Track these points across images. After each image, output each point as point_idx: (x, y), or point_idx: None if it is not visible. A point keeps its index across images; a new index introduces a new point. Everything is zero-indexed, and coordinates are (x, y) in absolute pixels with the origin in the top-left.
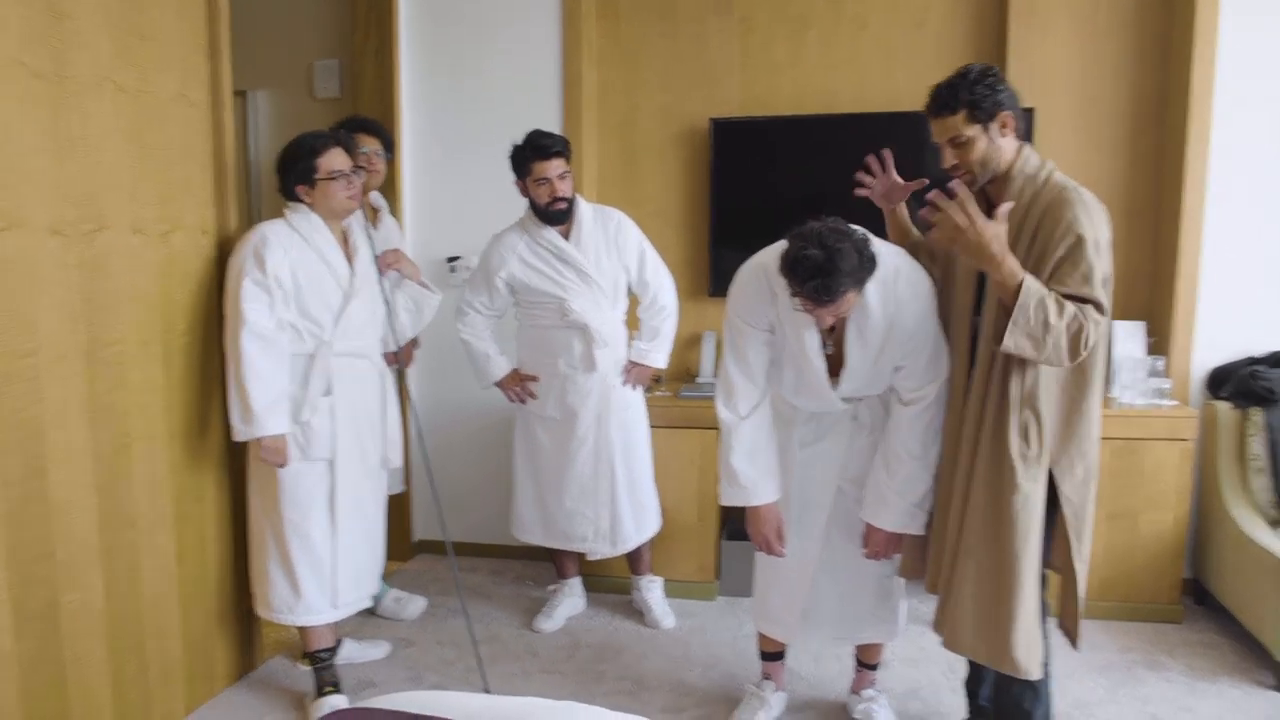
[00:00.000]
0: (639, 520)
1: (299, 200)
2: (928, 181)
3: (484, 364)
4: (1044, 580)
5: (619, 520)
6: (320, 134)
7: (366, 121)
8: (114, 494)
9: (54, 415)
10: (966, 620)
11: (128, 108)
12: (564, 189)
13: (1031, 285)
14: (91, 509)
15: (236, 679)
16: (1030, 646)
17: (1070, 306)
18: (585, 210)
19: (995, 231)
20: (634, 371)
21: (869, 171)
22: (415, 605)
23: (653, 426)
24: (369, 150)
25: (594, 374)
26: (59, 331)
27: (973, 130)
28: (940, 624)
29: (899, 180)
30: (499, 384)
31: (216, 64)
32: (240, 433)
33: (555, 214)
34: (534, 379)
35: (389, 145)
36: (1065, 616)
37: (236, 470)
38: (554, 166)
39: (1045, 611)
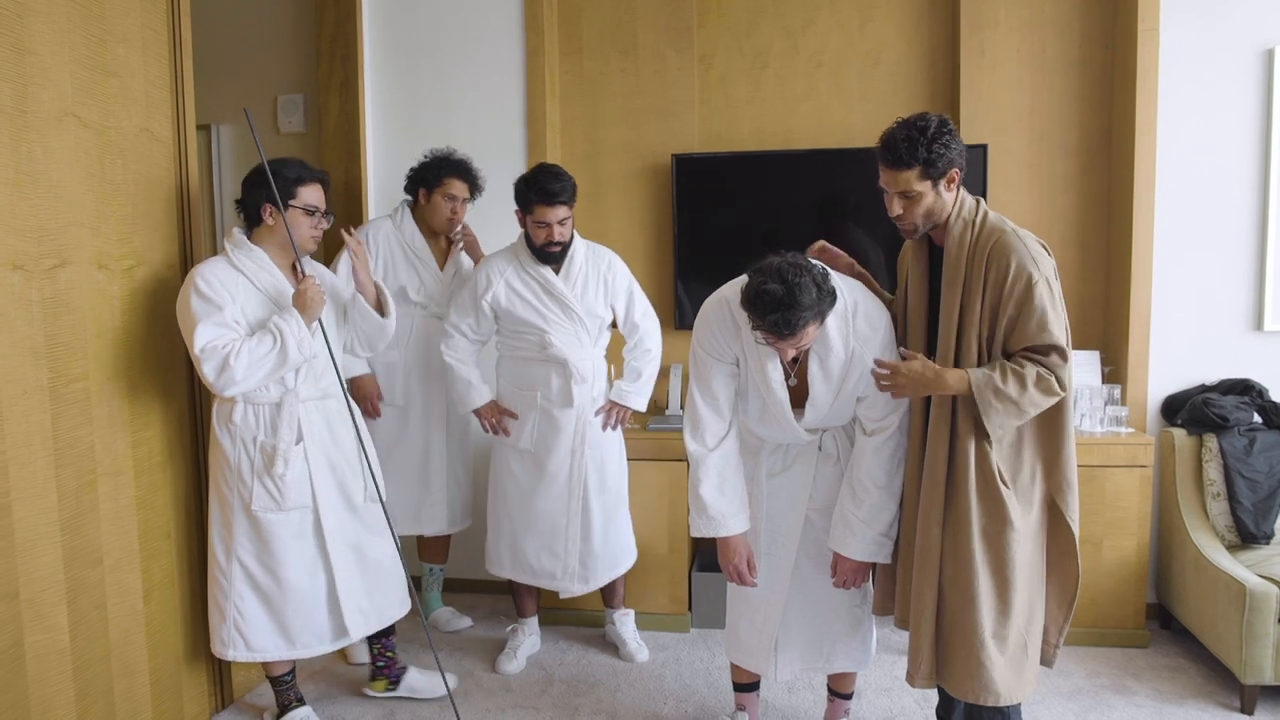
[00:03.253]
0: (613, 557)
1: (260, 220)
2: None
3: (465, 390)
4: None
5: (591, 557)
6: (306, 165)
7: (466, 166)
8: (79, 531)
9: (17, 451)
10: (985, 669)
11: (91, 143)
12: (562, 234)
13: (978, 380)
14: (56, 546)
15: None
16: (1034, 668)
17: (1030, 370)
18: (579, 246)
19: (920, 368)
20: (613, 412)
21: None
22: (460, 621)
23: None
24: (459, 197)
25: (570, 409)
26: (21, 367)
27: (923, 186)
28: (924, 674)
29: (844, 254)
30: (476, 412)
31: (181, 99)
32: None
33: (548, 255)
34: (512, 415)
35: (476, 190)
36: (1050, 636)
37: (204, 506)
38: (556, 213)
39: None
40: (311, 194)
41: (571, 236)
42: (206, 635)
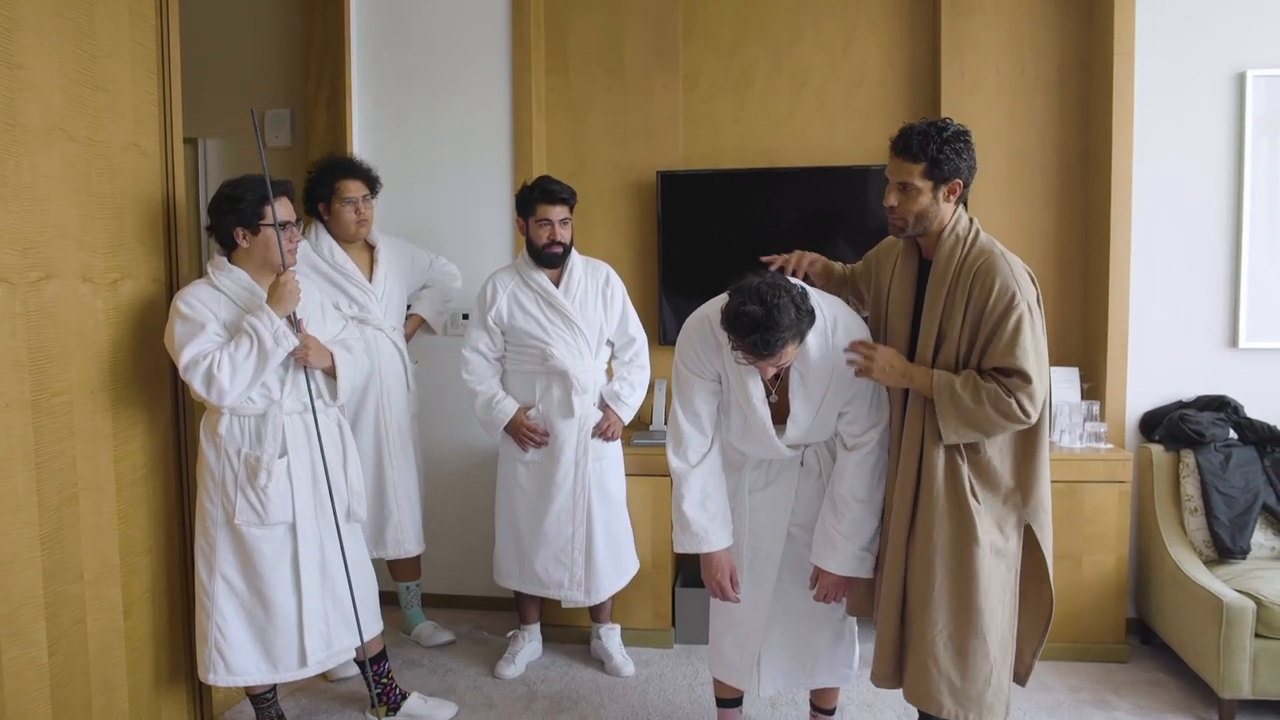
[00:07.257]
0: (614, 571)
1: (235, 244)
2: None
3: (493, 408)
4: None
5: (594, 569)
6: (266, 179)
7: (351, 164)
8: (60, 545)
9: None
10: (932, 675)
11: (78, 157)
12: (563, 234)
13: (939, 379)
14: (36, 561)
15: None
16: (998, 694)
17: (989, 386)
18: (576, 260)
19: (891, 355)
20: (611, 421)
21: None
22: (442, 635)
23: None
24: (357, 197)
25: (572, 420)
26: (4, 380)
27: (923, 184)
28: (879, 674)
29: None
30: (508, 429)
31: (168, 113)
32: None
33: (550, 256)
34: (542, 431)
35: (373, 184)
36: (1024, 656)
37: (185, 521)
38: (558, 211)
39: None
40: (281, 209)
41: (571, 243)
42: (186, 652)
